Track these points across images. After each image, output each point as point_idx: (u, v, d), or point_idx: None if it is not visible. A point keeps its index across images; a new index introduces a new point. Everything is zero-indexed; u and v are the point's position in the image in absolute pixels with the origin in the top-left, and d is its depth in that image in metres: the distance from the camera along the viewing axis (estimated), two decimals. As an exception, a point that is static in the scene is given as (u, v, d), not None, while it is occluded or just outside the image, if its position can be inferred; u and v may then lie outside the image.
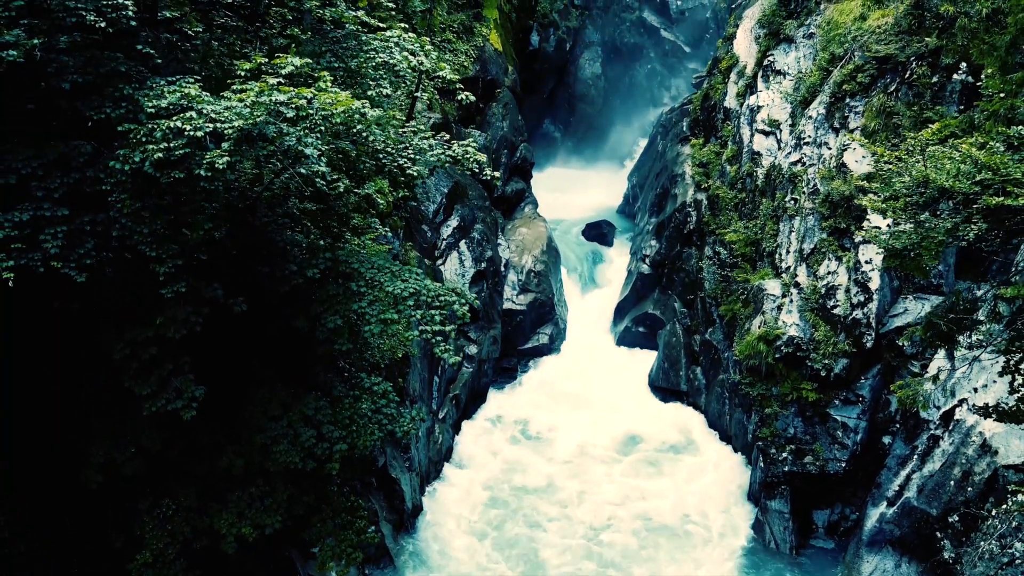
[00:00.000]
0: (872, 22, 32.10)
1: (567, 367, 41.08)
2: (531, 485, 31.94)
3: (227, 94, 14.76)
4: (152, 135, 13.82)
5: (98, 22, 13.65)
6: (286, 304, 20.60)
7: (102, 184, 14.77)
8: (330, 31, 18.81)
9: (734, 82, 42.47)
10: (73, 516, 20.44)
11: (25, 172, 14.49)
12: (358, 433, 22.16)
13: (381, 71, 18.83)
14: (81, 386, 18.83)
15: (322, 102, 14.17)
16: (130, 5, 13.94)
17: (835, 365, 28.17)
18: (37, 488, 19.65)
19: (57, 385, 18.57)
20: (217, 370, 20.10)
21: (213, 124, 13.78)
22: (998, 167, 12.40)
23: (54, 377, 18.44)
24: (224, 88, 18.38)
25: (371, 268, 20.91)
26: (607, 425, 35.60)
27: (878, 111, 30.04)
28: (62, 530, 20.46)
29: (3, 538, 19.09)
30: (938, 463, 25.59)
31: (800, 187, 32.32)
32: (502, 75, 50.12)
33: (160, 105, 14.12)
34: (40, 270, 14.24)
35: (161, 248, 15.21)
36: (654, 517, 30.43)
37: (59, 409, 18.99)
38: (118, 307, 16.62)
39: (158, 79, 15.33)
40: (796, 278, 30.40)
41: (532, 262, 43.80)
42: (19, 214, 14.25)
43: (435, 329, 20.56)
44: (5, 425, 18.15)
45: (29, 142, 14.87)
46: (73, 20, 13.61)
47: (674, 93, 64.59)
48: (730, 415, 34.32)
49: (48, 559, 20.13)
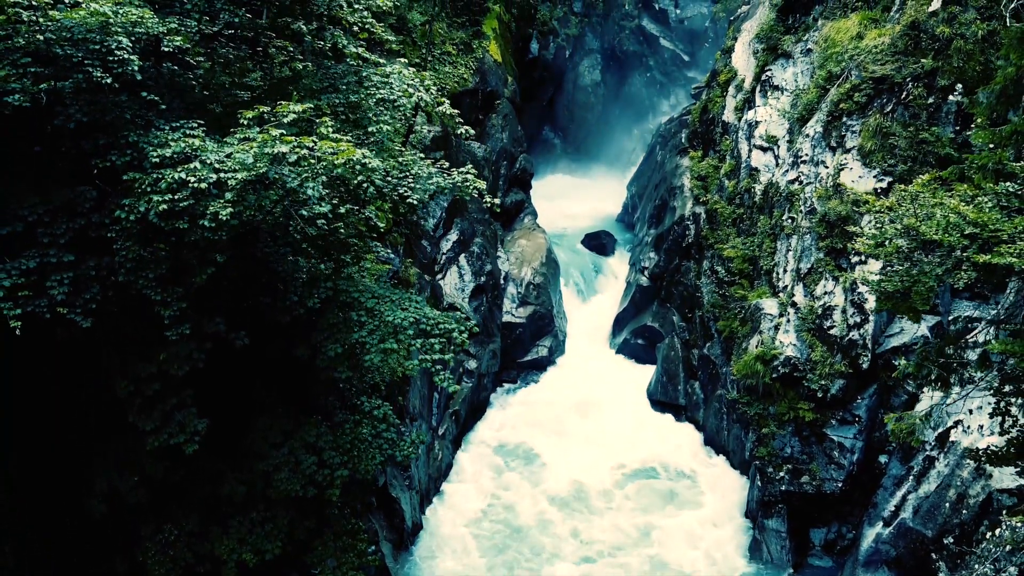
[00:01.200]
0: (869, 42, 32.27)
1: (566, 380, 41.26)
2: (529, 509, 31.97)
3: (230, 140, 14.99)
4: (157, 185, 14.07)
5: (104, 78, 13.88)
6: (287, 333, 20.85)
7: (107, 230, 15.00)
8: (331, 66, 19.01)
9: (732, 96, 42.69)
10: (78, 543, 20.67)
11: (32, 219, 14.74)
12: (359, 458, 22.44)
13: (381, 107, 19.04)
14: (85, 416, 19.06)
15: (323, 151, 14.39)
16: (135, 59, 14.15)
17: (831, 386, 28.40)
18: (42, 518, 19.86)
19: (61, 416, 18.81)
20: (219, 399, 20.36)
21: (217, 175, 14.01)
22: (986, 224, 12.64)
23: (58, 409, 18.68)
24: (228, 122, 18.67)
25: (371, 297, 21.15)
26: (605, 444, 35.67)
27: (874, 131, 30.22)
28: (67, 558, 20.69)
29: (9, 567, 19.33)
30: (933, 484, 25.85)
31: (797, 206, 32.53)
32: (501, 86, 50.29)
33: (165, 155, 14.35)
34: (47, 316, 14.48)
35: (166, 292, 15.47)
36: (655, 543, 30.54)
37: (63, 440, 19.23)
38: (122, 343, 16.84)
39: (162, 123, 15.56)
40: (793, 297, 30.63)
41: (531, 274, 43.98)
42: (26, 261, 14.50)
43: (435, 358, 20.81)
44: (10, 458, 18.37)
45: (35, 187, 15.12)
46: (80, 76, 13.83)
47: (673, 102, 64.79)
48: (728, 431, 34.55)
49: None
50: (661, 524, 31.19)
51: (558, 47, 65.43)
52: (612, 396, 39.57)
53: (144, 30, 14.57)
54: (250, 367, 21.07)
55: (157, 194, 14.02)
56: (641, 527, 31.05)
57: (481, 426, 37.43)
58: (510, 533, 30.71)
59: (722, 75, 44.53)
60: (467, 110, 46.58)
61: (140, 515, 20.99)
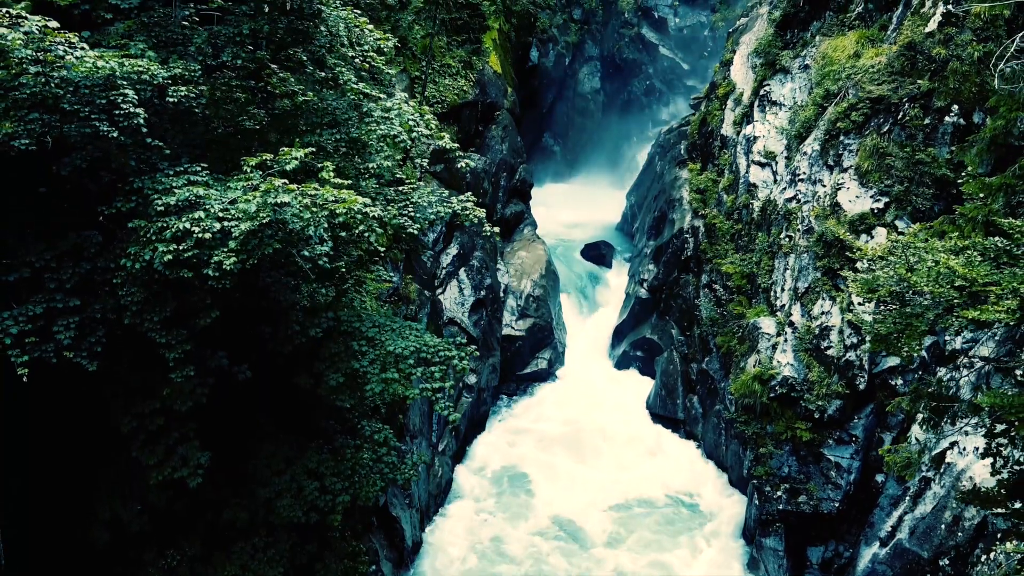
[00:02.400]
0: (866, 61, 32.44)
1: (566, 393, 41.53)
2: (529, 529, 32.14)
3: (233, 184, 15.21)
4: (162, 235, 14.30)
5: (111, 132, 14.10)
6: (289, 361, 21.07)
7: (113, 275, 15.22)
8: (332, 99, 19.20)
9: (731, 109, 42.90)
10: (80, 572, 20.88)
11: (39, 265, 14.96)
12: (360, 484, 22.66)
13: (382, 143, 19.26)
14: (88, 450, 19.27)
15: (325, 199, 14.62)
16: (140, 112, 14.37)
17: (828, 407, 28.62)
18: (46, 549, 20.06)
19: (64, 450, 19.02)
20: (221, 428, 20.57)
21: (221, 223, 14.23)
22: (974, 279, 12.86)
23: (61, 443, 18.89)
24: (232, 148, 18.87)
25: (372, 326, 21.38)
26: (604, 460, 35.96)
27: (871, 152, 30.40)
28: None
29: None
30: (929, 506, 26.07)
31: (795, 224, 32.75)
32: (501, 97, 50.47)
33: (169, 203, 14.58)
34: (53, 361, 14.71)
35: (170, 334, 15.69)
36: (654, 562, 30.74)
37: (66, 472, 19.44)
38: (125, 380, 17.06)
39: (166, 164, 15.78)
40: (791, 317, 30.84)
41: (531, 287, 44.20)
42: (33, 307, 14.73)
43: (435, 387, 21.05)
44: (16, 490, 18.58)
45: (41, 230, 15.34)
46: (87, 130, 14.05)
47: (672, 110, 65.03)
48: (726, 446, 34.79)
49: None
50: (659, 541, 31.40)
51: (558, 54, 65.71)
52: (611, 410, 39.85)
53: (148, 77, 14.78)
54: (252, 395, 21.28)
55: (162, 243, 14.25)
56: (639, 548, 31.22)
57: (481, 441, 37.62)
58: (509, 557, 30.83)
59: (721, 88, 44.73)
60: (467, 122, 46.84)
61: (143, 541, 21.21)
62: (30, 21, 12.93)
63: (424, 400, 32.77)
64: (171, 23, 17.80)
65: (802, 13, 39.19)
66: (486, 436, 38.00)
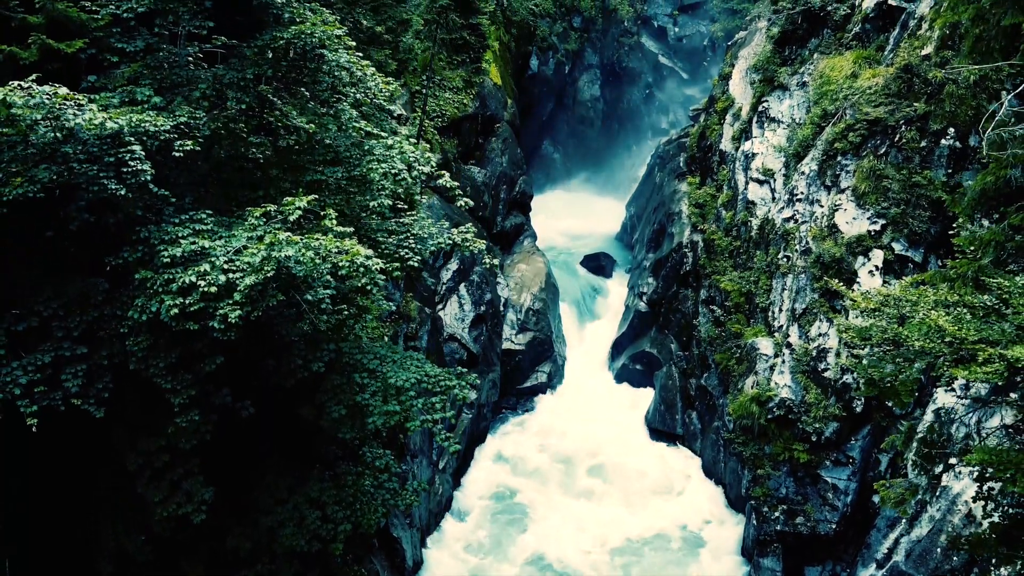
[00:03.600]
0: (863, 82, 32.65)
1: (565, 407, 41.73)
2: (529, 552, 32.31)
3: (238, 232, 15.47)
4: (168, 287, 14.55)
5: (119, 190, 14.35)
6: (291, 393, 21.31)
7: (119, 323, 15.47)
8: (334, 137, 19.45)
9: (729, 124, 43.14)
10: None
11: (47, 314, 15.22)
12: (362, 511, 22.89)
13: (384, 180, 19.52)
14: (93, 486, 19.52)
15: (328, 251, 14.87)
16: (148, 168, 14.61)
17: (825, 429, 28.88)
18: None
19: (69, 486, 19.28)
20: (225, 460, 20.83)
21: (226, 275, 14.49)
22: (964, 339, 13.11)
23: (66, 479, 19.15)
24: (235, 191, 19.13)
25: (374, 358, 21.60)
26: (601, 486, 35.79)
27: (868, 173, 30.65)
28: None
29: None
30: (925, 529, 26.29)
31: (792, 244, 32.99)
32: (501, 109, 50.73)
33: (175, 255, 14.83)
34: (61, 408, 14.97)
35: (176, 379, 15.94)
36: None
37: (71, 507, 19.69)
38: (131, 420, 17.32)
39: (171, 210, 16.03)
40: (788, 338, 31.09)
41: (531, 300, 44.44)
42: (41, 356, 14.99)
43: (436, 417, 21.28)
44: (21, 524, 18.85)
45: (48, 275, 15.59)
46: (95, 188, 14.30)
47: (672, 118, 65.28)
48: (725, 463, 35.04)
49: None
50: (657, 561, 31.66)
51: (557, 62, 65.94)
52: (610, 425, 40.03)
53: (155, 130, 15.02)
54: (254, 426, 21.52)
55: (168, 295, 14.51)
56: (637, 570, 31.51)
57: (480, 458, 37.81)
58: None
59: (719, 103, 44.98)
60: (467, 134, 47.13)
61: (147, 569, 21.46)
62: (39, 92, 13.15)
63: (425, 419, 33.06)
64: (176, 64, 18.03)
65: (800, 31, 39.47)
66: (485, 453, 38.22)
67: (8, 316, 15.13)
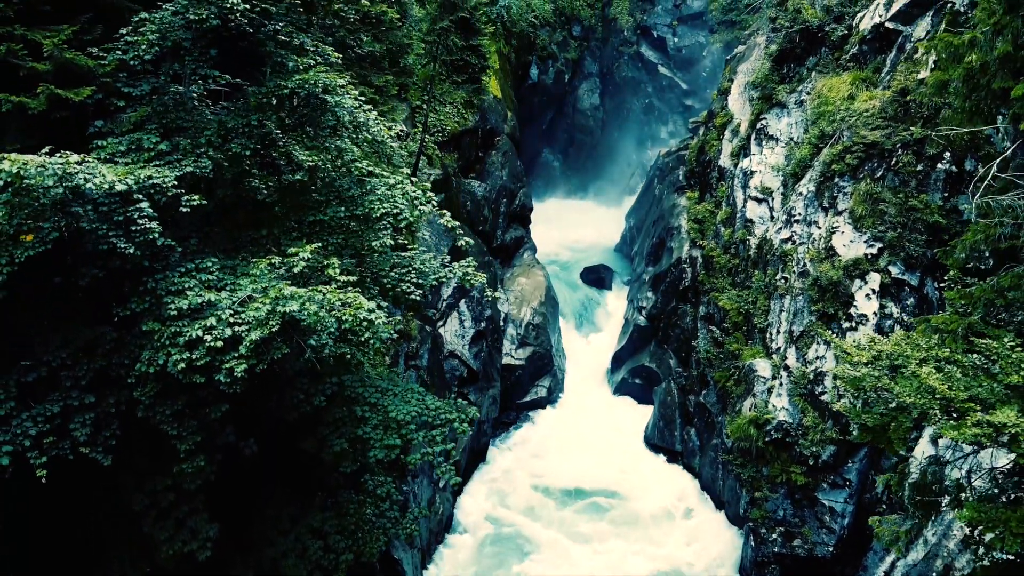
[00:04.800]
0: (860, 104, 32.90)
1: (565, 423, 41.99)
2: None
3: (242, 282, 15.75)
4: (175, 340, 14.83)
5: (127, 248, 14.63)
6: (293, 429, 21.58)
7: (127, 371, 15.75)
8: (336, 176, 19.72)
9: (728, 140, 43.39)
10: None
11: (55, 363, 15.49)
12: (363, 540, 23.16)
13: (385, 220, 19.80)
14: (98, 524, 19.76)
15: (332, 303, 15.14)
16: (156, 226, 14.89)
17: (823, 452, 29.18)
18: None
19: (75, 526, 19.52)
20: (228, 493, 21.09)
21: (231, 328, 14.77)
22: (953, 399, 13.40)
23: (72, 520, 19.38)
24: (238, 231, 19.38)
25: (375, 391, 21.86)
26: (603, 512, 35.87)
27: (865, 196, 30.92)
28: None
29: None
30: (921, 553, 26.58)
31: (790, 266, 33.26)
32: (501, 122, 50.99)
33: (182, 308, 15.11)
34: (70, 458, 15.26)
35: (182, 426, 16.23)
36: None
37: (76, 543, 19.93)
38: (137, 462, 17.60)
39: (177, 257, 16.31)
40: (786, 360, 31.36)
41: (531, 315, 44.68)
42: (50, 406, 15.25)
43: (436, 450, 21.56)
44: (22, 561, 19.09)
45: (58, 327, 15.86)
46: (104, 247, 14.59)
47: (671, 128, 65.53)
48: (723, 481, 35.31)
49: None
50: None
51: (557, 71, 66.21)
52: (610, 440, 40.38)
53: (163, 186, 15.29)
54: (257, 460, 21.79)
55: (175, 348, 14.78)
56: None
57: (480, 476, 38.04)
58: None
59: (718, 118, 45.24)
60: (467, 148, 47.39)
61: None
62: (52, 164, 13.42)
63: (426, 438, 33.31)
64: (182, 104, 18.26)
65: (798, 49, 39.72)
66: (486, 470, 38.46)
67: (18, 367, 15.39)
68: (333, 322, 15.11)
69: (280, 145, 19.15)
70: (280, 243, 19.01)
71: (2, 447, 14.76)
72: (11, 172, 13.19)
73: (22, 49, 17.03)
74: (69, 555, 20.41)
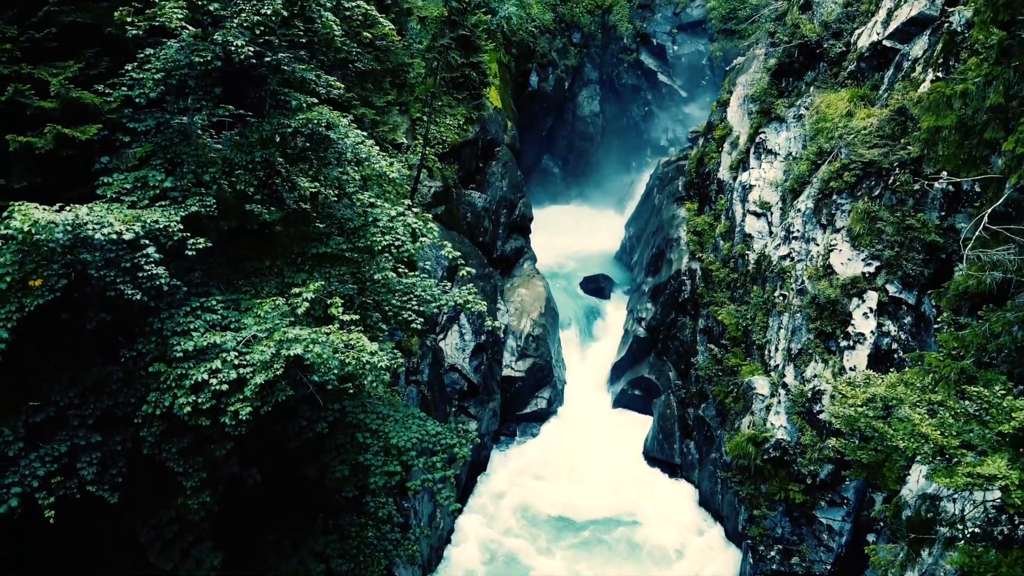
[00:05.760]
0: (858, 122, 33.10)
1: (565, 435, 42.17)
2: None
3: (247, 320, 15.99)
4: (181, 383, 15.08)
5: (135, 295, 14.87)
6: (294, 456, 21.83)
7: (133, 411, 15.99)
8: (338, 209, 19.96)
9: (727, 152, 43.61)
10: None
11: (63, 403, 15.74)
12: (365, 563, 23.43)
13: (387, 252, 20.06)
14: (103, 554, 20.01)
15: (336, 345, 15.39)
16: (163, 272, 15.13)
17: (820, 471, 29.41)
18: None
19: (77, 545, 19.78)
20: (231, 522, 21.34)
21: (237, 371, 15.02)
22: (945, 446, 13.64)
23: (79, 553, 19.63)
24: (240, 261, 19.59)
25: (376, 418, 22.08)
26: (602, 539, 35.99)
27: (862, 215, 31.12)
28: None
29: None
30: (917, 572, 26.80)
31: (789, 283, 33.48)
32: (501, 132, 51.19)
33: (187, 349, 15.35)
34: (77, 496, 15.51)
35: (187, 463, 16.48)
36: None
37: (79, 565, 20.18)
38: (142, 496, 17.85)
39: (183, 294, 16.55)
40: (784, 378, 31.59)
41: (531, 326, 44.88)
42: (58, 446, 15.51)
43: (437, 477, 21.81)
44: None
45: (64, 365, 16.11)
46: (112, 293, 14.82)
47: (671, 136, 65.70)
48: (722, 495, 35.55)
49: None
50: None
51: (557, 78, 66.41)
52: (609, 453, 40.53)
53: (170, 230, 15.53)
54: (260, 487, 22.02)
55: (181, 390, 15.03)
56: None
57: (480, 490, 38.24)
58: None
59: (718, 130, 45.44)
60: (467, 159, 47.62)
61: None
62: (63, 221, 13.65)
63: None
64: (186, 140, 18.49)
65: (796, 64, 39.92)
66: (486, 483, 38.67)
67: (27, 408, 15.64)
68: (337, 364, 15.34)
69: (283, 174, 19.37)
70: (283, 273, 19.25)
71: (11, 489, 14.98)
72: (22, 229, 13.43)
73: (29, 89, 17.26)
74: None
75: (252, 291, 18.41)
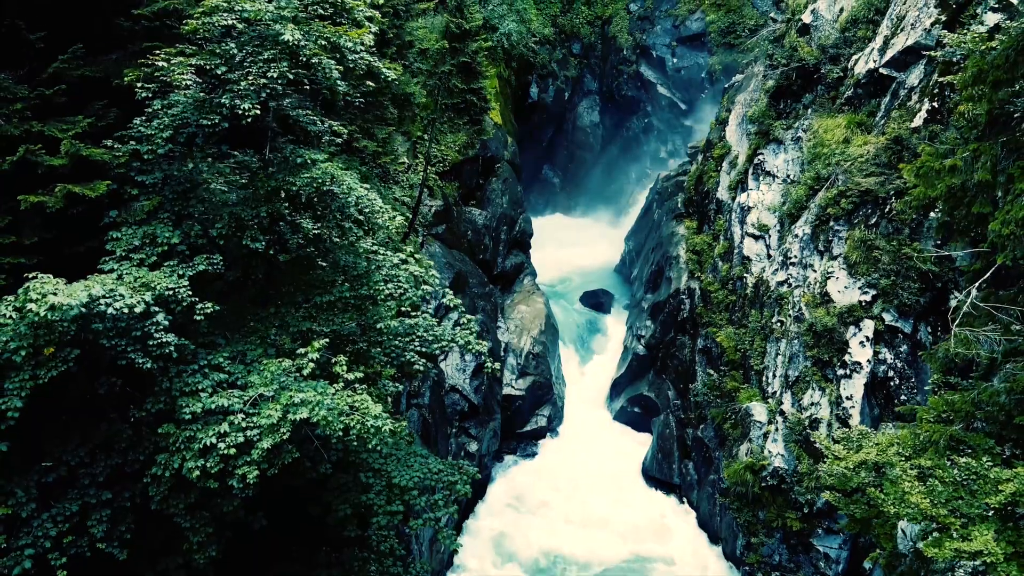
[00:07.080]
0: (855, 149, 33.43)
1: (564, 453, 42.55)
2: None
3: (254, 379, 16.34)
4: (190, 445, 15.43)
5: (145, 363, 15.22)
6: (300, 493, 22.18)
7: (142, 468, 16.35)
8: (342, 257, 20.30)
9: (726, 172, 43.95)
10: None
11: (74, 462, 16.10)
12: (366, 600, 23.80)
13: (389, 301, 20.42)
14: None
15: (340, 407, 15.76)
16: (172, 338, 15.48)
17: (817, 500, 29.76)
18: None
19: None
20: (236, 561, 21.69)
21: (244, 433, 15.38)
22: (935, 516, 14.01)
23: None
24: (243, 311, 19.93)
25: (379, 457, 22.44)
26: (599, 539, 36.62)
27: (859, 243, 31.46)
28: None
29: None
30: (912, 601, 27.22)
31: (786, 309, 33.84)
32: (501, 148, 51.50)
33: (196, 411, 15.71)
34: (87, 555, 15.87)
35: (194, 518, 16.83)
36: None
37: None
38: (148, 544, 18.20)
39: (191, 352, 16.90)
40: (782, 405, 31.96)
41: (531, 344, 45.20)
42: (69, 505, 15.86)
43: (438, 515, 22.19)
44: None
45: (75, 424, 16.47)
46: (123, 363, 15.20)
47: (670, 148, 66.00)
48: (720, 517, 35.92)
49: None
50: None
51: (557, 89, 66.77)
52: (608, 472, 40.89)
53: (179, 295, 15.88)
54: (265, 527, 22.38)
55: (189, 452, 15.38)
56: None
57: (480, 512, 38.54)
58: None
59: (716, 149, 45.76)
60: (468, 176, 48.01)
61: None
62: (76, 303, 13.99)
63: (428, 477, 33.89)
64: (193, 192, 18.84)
65: (794, 86, 40.22)
66: (486, 505, 38.98)
67: (39, 468, 16.00)
68: (341, 426, 15.70)
69: (288, 219, 19.73)
70: (287, 322, 19.58)
71: (25, 551, 15.33)
72: (39, 314, 13.81)
73: (40, 148, 17.58)
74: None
75: (258, 339, 18.75)
